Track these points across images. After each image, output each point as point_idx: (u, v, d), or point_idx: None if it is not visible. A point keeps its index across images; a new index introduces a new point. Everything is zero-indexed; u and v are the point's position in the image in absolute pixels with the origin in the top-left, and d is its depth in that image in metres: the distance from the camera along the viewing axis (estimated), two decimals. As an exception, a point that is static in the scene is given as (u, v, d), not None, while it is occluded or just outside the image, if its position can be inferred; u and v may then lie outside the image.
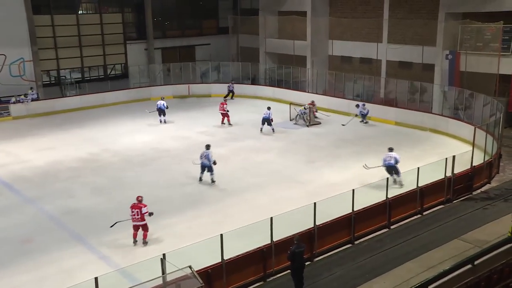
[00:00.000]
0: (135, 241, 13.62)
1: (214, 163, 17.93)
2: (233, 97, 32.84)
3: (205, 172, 18.07)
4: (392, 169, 16.79)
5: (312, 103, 26.97)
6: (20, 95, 29.65)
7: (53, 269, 12.60)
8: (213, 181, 17.91)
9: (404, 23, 28.81)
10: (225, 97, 32.08)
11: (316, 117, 27.04)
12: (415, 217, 15.21)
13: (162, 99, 27.43)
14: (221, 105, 26.59)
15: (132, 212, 13.56)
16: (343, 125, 25.37)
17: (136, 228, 13.62)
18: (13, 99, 29.50)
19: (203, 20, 40.41)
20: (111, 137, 24.58)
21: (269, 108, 24.94)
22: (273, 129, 24.68)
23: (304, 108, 26.51)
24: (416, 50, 28.01)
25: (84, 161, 21.03)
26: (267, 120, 24.60)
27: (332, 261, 12.79)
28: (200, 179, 18.14)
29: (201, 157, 18.04)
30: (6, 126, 27.57)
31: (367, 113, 26.31)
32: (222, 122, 26.50)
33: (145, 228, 13.64)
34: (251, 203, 16.32)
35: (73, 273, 12.12)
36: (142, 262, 10.52)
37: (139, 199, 13.72)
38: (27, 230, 14.78)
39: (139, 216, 13.50)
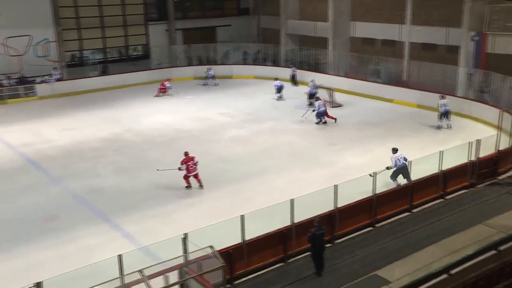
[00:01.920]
0: (189, 186, 16.06)
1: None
2: (297, 84, 31.29)
3: None
4: (406, 169, 15.49)
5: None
6: (45, 75, 30.08)
7: (76, 246, 12.87)
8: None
9: (429, 3, 28.11)
10: (294, 83, 31.36)
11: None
12: (438, 201, 15.02)
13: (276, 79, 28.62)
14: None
15: (189, 164, 15.85)
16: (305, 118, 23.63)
17: (191, 177, 15.97)
18: (38, 79, 29.95)
19: (224, 1, 40.12)
20: (134, 118, 24.79)
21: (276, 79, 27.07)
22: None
23: (311, 81, 26.99)
24: (440, 31, 27.35)
25: (107, 141, 21.29)
26: (281, 88, 27.21)
27: (353, 244, 12.74)
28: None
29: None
30: (32, 105, 28.04)
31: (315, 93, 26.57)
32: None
33: (198, 175, 16.06)
34: (271, 185, 16.34)
35: (97, 250, 12.35)
36: (165, 241, 10.64)
37: (187, 153, 16.05)
38: (52, 208, 15.08)
39: (196, 166, 15.96)
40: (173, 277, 9.86)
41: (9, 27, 29.66)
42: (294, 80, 31.49)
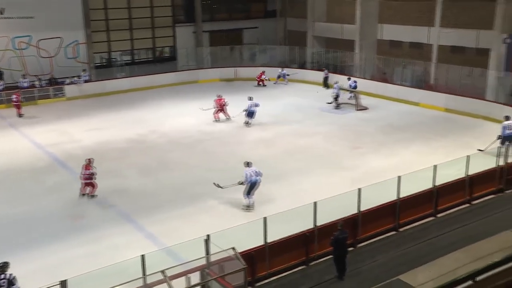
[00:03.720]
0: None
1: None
2: (329, 87, 30.31)
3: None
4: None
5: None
6: (74, 76, 30.73)
7: (101, 245, 13.08)
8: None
9: (459, 5, 27.64)
10: (326, 86, 31.12)
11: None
12: (463, 206, 14.77)
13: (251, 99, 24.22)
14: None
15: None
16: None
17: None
18: (67, 80, 30.62)
19: (251, 3, 40.27)
20: (159, 119, 25.08)
21: (250, 99, 23.38)
22: (247, 122, 23.32)
23: (335, 82, 26.68)
24: (470, 34, 26.85)
25: (132, 142, 21.59)
26: (253, 113, 23.21)
27: (376, 248, 12.63)
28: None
29: (250, 176, 14.88)
30: (61, 106, 28.64)
31: (355, 86, 27.01)
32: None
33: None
34: (294, 187, 16.31)
35: (121, 250, 12.52)
36: (187, 242, 10.72)
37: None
38: (78, 207, 15.39)
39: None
40: (195, 278, 9.93)
41: (41, 29, 30.43)
42: (326, 83, 31.37)
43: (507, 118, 18.07)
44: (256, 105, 23.61)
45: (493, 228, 13.09)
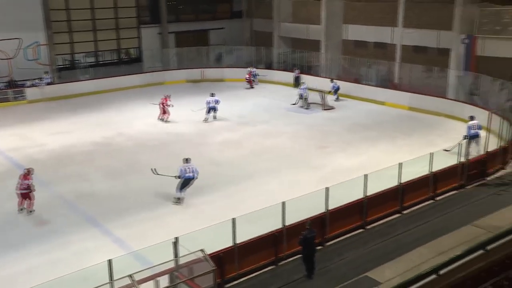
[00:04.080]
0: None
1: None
2: (300, 86, 28.45)
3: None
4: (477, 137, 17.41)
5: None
6: (35, 78, 29.94)
7: (67, 251, 12.80)
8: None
9: (420, 6, 28.30)
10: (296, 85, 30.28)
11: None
12: (428, 202, 15.15)
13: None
14: None
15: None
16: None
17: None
18: (28, 83, 29.80)
19: (217, 4, 40.18)
20: (126, 121, 24.74)
21: (213, 95, 24.33)
22: (214, 117, 24.15)
23: (302, 83, 26.74)
24: (431, 34, 27.55)
25: (98, 145, 21.23)
26: (213, 109, 24.07)
27: (344, 246, 12.82)
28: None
29: (184, 172, 15.23)
30: (22, 109, 27.88)
31: (338, 88, 27.14)
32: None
33: None
34: (262, 188, 16.36)
35: (87, 255, 12.30)
36: (155, 245, 10.63)
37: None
38: (41, 213, 15.00)
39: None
40: (164, 281, 9.86)
41: (-2, 30, 29.53)
42: (297, 82, 31.36)
43: (471, 118, 18.40)
44: (217, 102, 24.04)
45: (455, 223, 13.55)
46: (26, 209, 14.94)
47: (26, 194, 14.81)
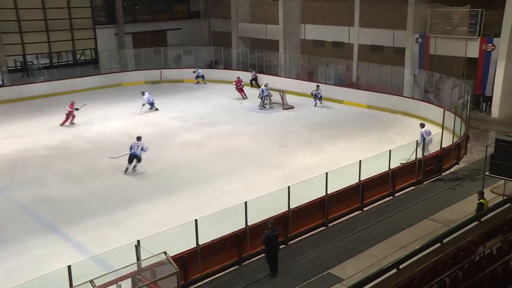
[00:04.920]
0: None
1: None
2: (258, 87, 29.24)
3: (132, 163, 17.61)
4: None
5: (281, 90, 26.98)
6: (-16, 81, 28.83)
7: (24, 259, 12.40)
8: (135, 169, 17.69)
9: (375, 6, 28.95)
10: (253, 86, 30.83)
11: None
12: (387, 199, 15.49)
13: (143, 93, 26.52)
14: None
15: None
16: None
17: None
18: (-24, 86, 28.66)
19: (174, 4, 39.82)
20: (83, 124, 24.14)
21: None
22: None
23: (265, 85, 26.64)
24: (387, 33, 28.25)
25: (55, 149, 20.64)
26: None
27: (307, 244, 12.94)
28: (126, 170, 17.56)
29: (131, 148, 17.67)
30: (-29, 113, 26.78)
31: (320, 96, 26.41)
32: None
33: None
34: (225, 188, 16.33)
35: (46, 262, 11.94)
36: (117, 249, 10.43)
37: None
38: (-4, 220, 14.48)
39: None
40: (126, 285, 9.69)
41: None
42: (253, 84, 31.50)
43: (422, 125, 18.25)
44: (150, 94, 25.69)
45: (414, 217, 13.93)
46: None
47: None
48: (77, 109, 24.07)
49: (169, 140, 21.64)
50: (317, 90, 26.62)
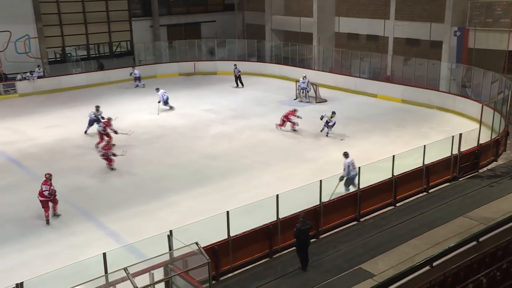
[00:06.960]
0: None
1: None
2: (243, 85, 29.80)
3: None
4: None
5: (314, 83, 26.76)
6: (26, 72, 29.65)
7: (61, 245, 12.79)
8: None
9: (412, -1, 28.39)
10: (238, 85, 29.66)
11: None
12: (421, 195, 15.22)
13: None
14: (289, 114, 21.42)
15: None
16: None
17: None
18: (18, 76, 29.50)
19: (208, -4, 40.04)
20: (118, 115, 24.50)
21: (158, 90, 22.07)
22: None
23: (303, 77, 26.33)
24: (423, 27, 27.63)
25: (91, 139, 21.10)
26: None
27: (338, 238, 12.86)
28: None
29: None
30: (13, 103, 27.64)
31: (333, 125, 20.82)
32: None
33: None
34: (256, 180, 16.38)
35: (82, 249, 12.28)
36: (149, 238, 10.62)
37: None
38: (35, 207, 14.90)
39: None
40: (158, 274, 9.84)
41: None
42: (240, 82, 29.90)
43: (346, 155, 14.77)
44: (165, 92, 24.97)
45: (449, 214, 13.63)
46: (54, 214, 14.26)
47: (44, 202, 13.94)
48: (116, 132, 20.14)
49: (202, 132, 21.81)
50: (303, 79, 25.93)
